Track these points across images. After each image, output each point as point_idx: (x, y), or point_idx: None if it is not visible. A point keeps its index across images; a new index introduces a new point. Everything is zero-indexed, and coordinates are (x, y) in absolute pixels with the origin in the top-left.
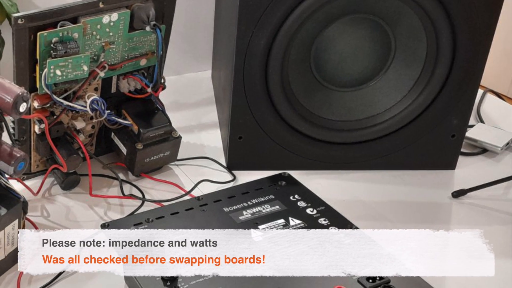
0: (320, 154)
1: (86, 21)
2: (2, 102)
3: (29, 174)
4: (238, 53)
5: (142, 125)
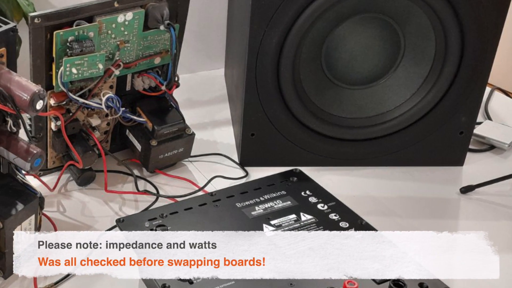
0: (331, 150)
1: (101, 20)
2: (19, 100)
3: (46, 170)
4: (251, 51)
5: (157, 122)
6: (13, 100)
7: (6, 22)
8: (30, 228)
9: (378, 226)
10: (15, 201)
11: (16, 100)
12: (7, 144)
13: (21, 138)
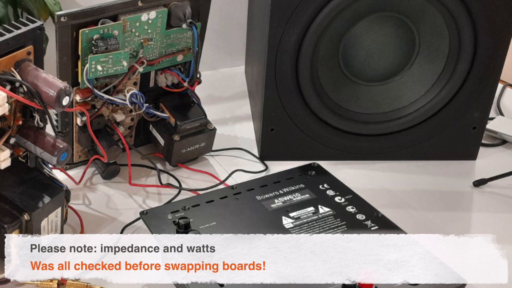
0: (348, 145)
1: (125, 19)
2: (46, 96)
3: (72, 164)
4: (270, 49)
5: (179, 118)
6: (40, 96)
7: (33, 20)
8: (57, 221)
9: (394, 218)
10: (42, 194)
11: (43, 96)
12: (35, 139)
13: (48, 133)
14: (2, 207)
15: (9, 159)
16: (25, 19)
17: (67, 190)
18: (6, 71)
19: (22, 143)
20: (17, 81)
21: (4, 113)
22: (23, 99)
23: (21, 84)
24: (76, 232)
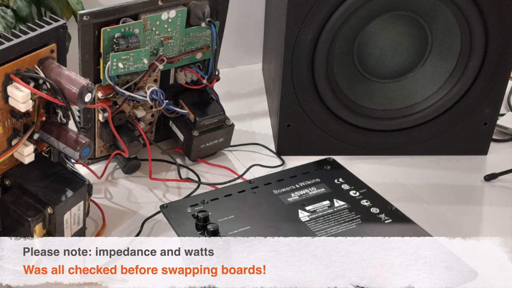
0: (362, 140)
1: (146, 18)
2: (69, 93)
3: (94, 159)
4: (287, 47)
5: (198, 114)
6: (63, 93)
7: (56, 19)
8: (79, 214)
9: (407, 212)
10: (65, 188)
11: (66, 93)
12: (58, 134)
13: (71, 128)
14: (26, 201)
15: (33, 154)
16: (49, 18)
17: (89, 184)
18: (30, 68)
19: (45, 138)
20: (40, 78)
21: (28, 110)
22: (46, 96)
23: (44, 81)
24: (98, 225)
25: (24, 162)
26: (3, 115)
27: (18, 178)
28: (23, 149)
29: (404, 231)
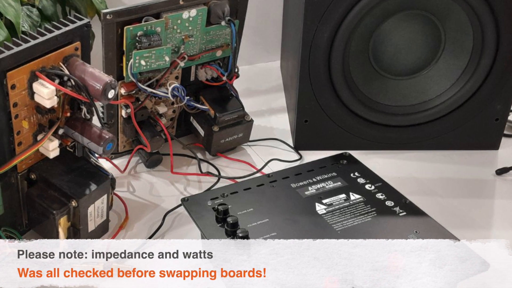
0: (378, 135)
1: (167, 17)
2: (93, 89)
3: (117, 154)
4: (304, 45)
5: (218, 110)
6: (87, 89)
7: (80, 18)
8: (103, 207)
9: (421, 205)
10: (89, 182)
11: (90, 89)
12: (82, 130)
13: (94, 124)
14: (51, 194)
15: (58, 149)
16: (73, 16)
17: (112, 178)
18: (55, 65)
19: (70, 133)
20: (65, 75)
21: (53, 106)
22: (71, 92)
23: (69, 78)
24: (121, 218)
25: (49, 156)
26: (29, 111)
27: (44, 172)
28: (48, 144)
29: (418, 223)
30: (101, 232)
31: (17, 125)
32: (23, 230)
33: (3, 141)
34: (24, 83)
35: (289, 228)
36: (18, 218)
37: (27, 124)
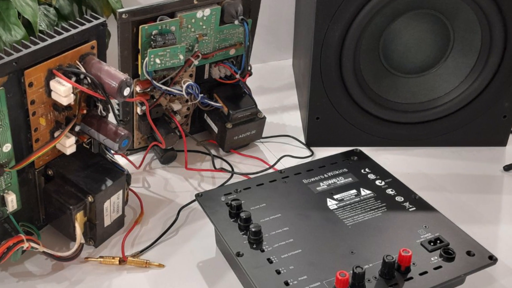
0: (388, 132)
1: (182, 16)
2: (108, 87)
3: (132, 150)
4: (316, 44)
5: (232, 107)
6: (103, 87)
7: (96, 17)
8: (119, 202)
9: (430, 200)
10: (105, 178)
11: (106, 87)
12: (98, 126)
13: (110, 121)
14: (68, 190)
15: (74, 145)
16: (89, 16)
17: (128, 174)
18: (72, 64)
19: (86, 130)
20: (81, 73)
21: (70, 103)
22: (87, 90)
23: (85, 76)
24: (137, 213)
25: (66, 153)
26: (46, 108)
27: (61, 168)
28: (65, 140)
29: (427, 218)
30: (116, 227)
31: (34, 122)
32: (40, 225)
33: (21, 137)
34: (41, 81)
35: (301, 223)
36: (35, 213)
37: (44, 121)
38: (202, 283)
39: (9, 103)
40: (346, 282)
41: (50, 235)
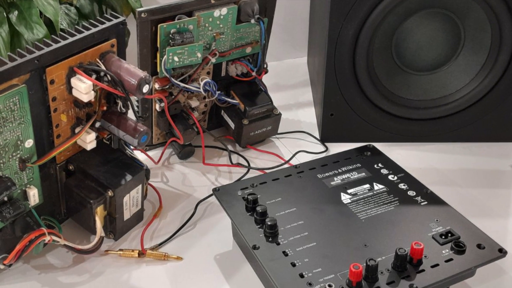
0: (400, 128)
1: (199, 15)
2: (128, 84)
3: (151, 146)
4: (330, 42)
5: (248, 104)
6: (122, 84)
7: (116, 16)
8: (138, 197)
9: (441, 194)
10: (124, 173)
11: (125, 84)
12: (118, 123)
13: (130, 117)
14: (89, 185)
15: (94, 141)
16: (109, 15)
17: (147, 169)
18: (92, 61)
19: (106, 126)
20: (102, 71)
21: (90, 100)
22: (107, 87)
23: (105, 74)
24: (155, 207)
25: (86, 148)
26: (67, 105)
27: (81, 163)
28: (86, 136)
29: (438, 212)
30: (136, 221)
31: (56, 119)
32: (62, 218)
33: (43, 133)
34: (62, 78)
35: (315, 217)
36: (56, 207)
37: (65, 117)
38: (219, 275)
39: (31, 100)
40: (360, 274)
41: (71, 228)
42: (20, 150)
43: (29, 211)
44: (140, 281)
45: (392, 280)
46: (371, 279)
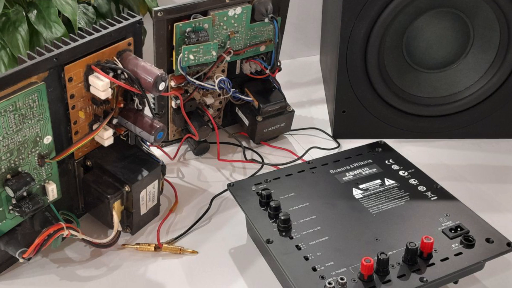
0: (411, 125)
1: (214, 14)
2: (145, 82)
3: (167, 142)
4: (342, 40)
5: (262, 101)
6: (139, 82)
7: (133, 15)
8: (154, 192)
9: (451, 190)
10: (141, 168)
11: (142, 82)
12: (134, 119)
13: (146, 114)
14: (106, 180)
15: (112, 138)
16: (126, 14)
17: (163, 164)
18: (110, 60)
19: (123, 123)
20: (119, 69)
21: (108, 97)
22: (124, 85)
23: (122, 72)
24: (171, 202)
25: (104, 144)
26: (85, 102)
27: (99, 159)
28: (103, 133)
29: (448, 207)
30: (152, 215)
31: (74, 115)
32: (80, 213)
33: (61, 130)
34: (80, 76)
35: (328, 212)
36: (74, 202)
37: (83, 114)
38: (233, 269)
39: (50, 97)
40: (371, 268)
41: (88, 223)
42: (39, 146)
43: (48, 206)
44: (157, 275)
45: (403, 273)
46: (382, 273)
